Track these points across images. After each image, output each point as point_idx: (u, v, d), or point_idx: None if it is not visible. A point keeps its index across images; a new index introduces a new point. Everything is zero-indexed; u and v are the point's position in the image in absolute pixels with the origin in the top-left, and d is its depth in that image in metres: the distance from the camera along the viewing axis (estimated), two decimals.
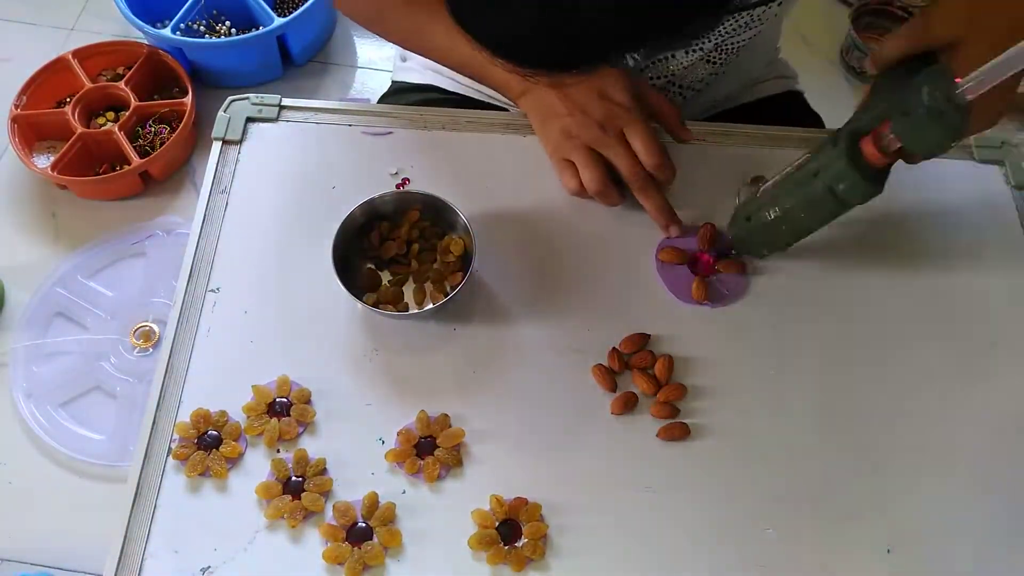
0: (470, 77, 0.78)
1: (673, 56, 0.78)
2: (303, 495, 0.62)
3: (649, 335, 0.68)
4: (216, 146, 0.78)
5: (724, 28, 0.75)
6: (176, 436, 0.64)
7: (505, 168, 0.77)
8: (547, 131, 0.74)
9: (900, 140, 0.56)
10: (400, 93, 0.94)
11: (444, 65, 0.80)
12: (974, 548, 0.62)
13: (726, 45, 0.79)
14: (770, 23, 0.79)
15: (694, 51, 0.76)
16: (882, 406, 0.67)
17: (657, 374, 0.67)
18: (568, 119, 0.71)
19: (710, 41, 0.75)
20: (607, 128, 0.70)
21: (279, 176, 0.77)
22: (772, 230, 0.67)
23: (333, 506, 0.62)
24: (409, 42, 0.81)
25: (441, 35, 0.77)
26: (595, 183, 0.71)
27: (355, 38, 1.81)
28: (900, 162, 0.61)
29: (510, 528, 0.61)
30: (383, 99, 0.95)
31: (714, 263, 0.72)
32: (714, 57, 0.81)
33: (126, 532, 0.61)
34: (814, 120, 0.93)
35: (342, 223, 0.68)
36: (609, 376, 0.66)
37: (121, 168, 1.51)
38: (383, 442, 0.65)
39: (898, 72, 0.61)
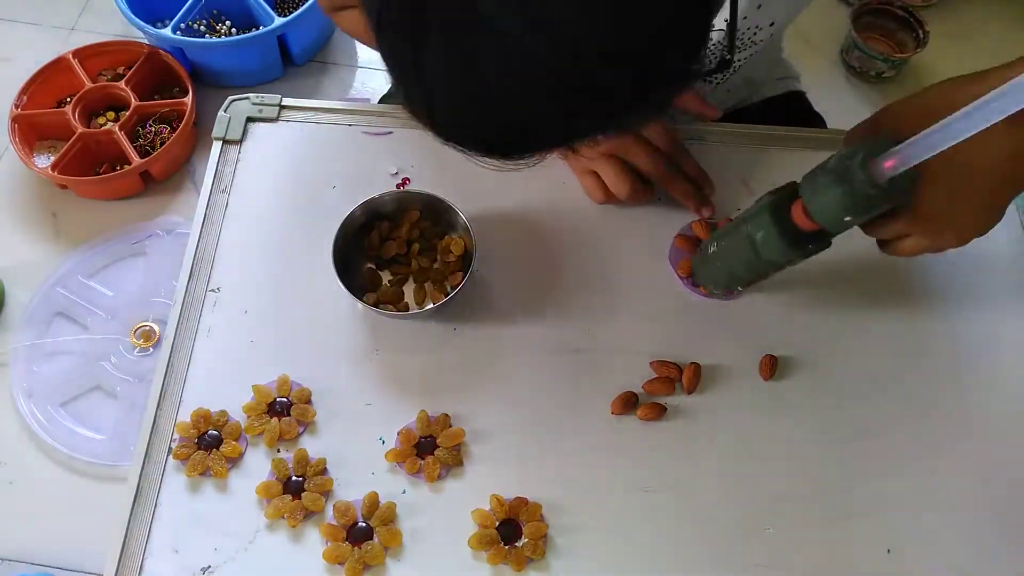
0: None
1: None
2: (303, 495, 0.62)
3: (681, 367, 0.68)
4: (216, 146, 0.78)
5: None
6: (176, 436, 0.64)
7: (505, 168, 0.76)
8: None
9: (803, 200, 0.53)
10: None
11: None
12: (974, 548, 0.62)
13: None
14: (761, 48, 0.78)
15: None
16: (884, 405, 0.67)
17: (685, 383, 0.67)
18: None
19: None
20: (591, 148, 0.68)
21: (279, 176, 0.77)
22: (711, 265, 0.65)
23: (333, 506, 0.62)
24: None
25: None
26: (626, 191, 0.71)
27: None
28: None
29: (510, 528, 0.61)
30: (383, 99, 0.96)
31: None
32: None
33: (126, 532, 0.61)
34: (817, 120, 0.93)
35: (342, 223, 0.68)
36: (631, 400, 0.66)
37: (121, 168, 1.51)
38: (383, 442, 0.65)
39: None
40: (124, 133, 1.51)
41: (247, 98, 0.80)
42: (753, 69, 0.88)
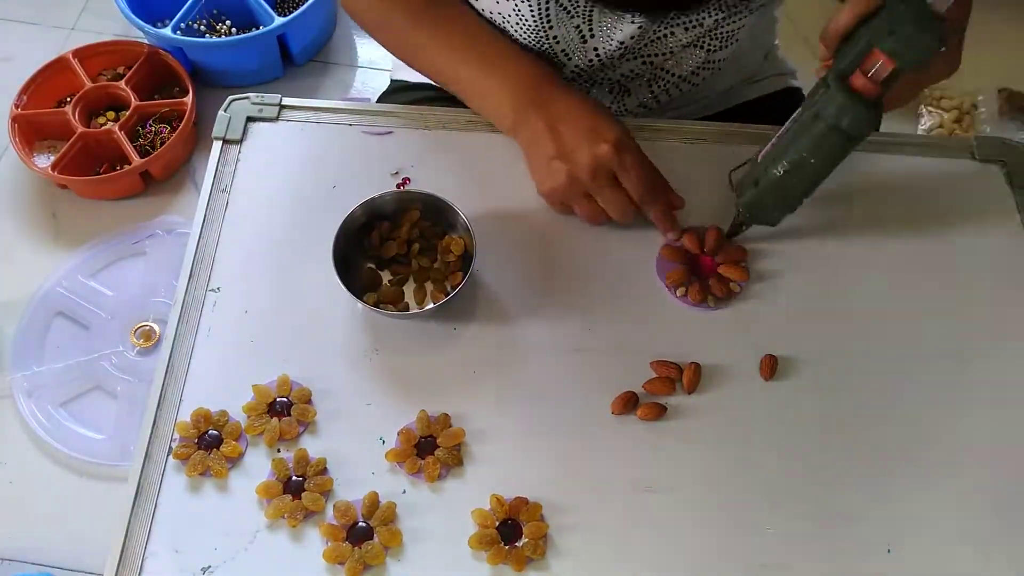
0: (464, 101, 0.77)
1: (672, 33, 0.76)
2: (303, 495, 0.62)
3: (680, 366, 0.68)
4: (216, 146, 0.78)
5: (719, 5, 0.73)
6: (176, 436, 0.64)
7: (505, 168, 0.76)
8: (538, 171, 0.72)
9: (894, 59, 0.58)
10: (399, 92, 0.94)
11: (441, 85, 0.79)
12: (974, 548, 0.62)
13: (720, 31, 0.77)
14: (762, 13, 0.78)
15: (693, 26, 0.75)
16: (882, 405, 0.67)
17: (685, 383, 0.67)
18: (557, 163, 0.70)
19: (710, 16, 0.74)
20: (596, 175, 0.69)
21: (279, 176, 0.77)
22: (784, 186, 0.66)
23: (333, 506, 0.62)
24: (408, 57, 0.81)
25: (441, 57, 0.76)
26: (593, 220, 0.72)
27: (355, 38, 1.81)
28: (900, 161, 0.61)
29: (510, 528, 0.61)
30: (382, 98, 0.96)
31: (715, 265, 0.72)
32: (707, 43, 0.79)
33: (126, 532, 0.61)
34: None
35: (342, 223, 0.68)
36: (631, 400, 0.66)
37: (121, 168, 1.51)
38: (383, 442, 0.65)
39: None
40: (124, 133, 1.51)
41: (247, 98, 0.80)
42: (747, 62, 0.88)
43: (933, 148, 0.80)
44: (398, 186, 0.76)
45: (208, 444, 0.64)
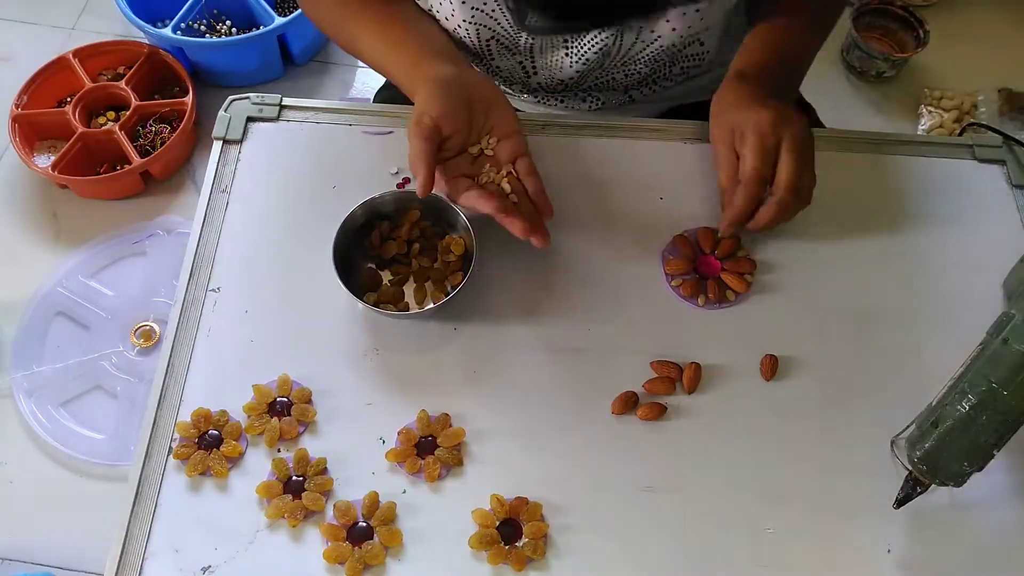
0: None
1: (633, 57, 0.78)
2: (304, 494, 0.62)
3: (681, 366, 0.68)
4: (217, 145, 0.78)
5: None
6: (177, 435, 0.64)
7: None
8: None
9: None
10: (394, 87, 0.94)
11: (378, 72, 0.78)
12: (974, 547, 0.62)
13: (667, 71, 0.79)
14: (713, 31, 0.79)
15: (650, 42, 0.76)
16: (882, 405, 0.67)
17: (685, 383, 0.67)
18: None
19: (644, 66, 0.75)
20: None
21: (279, 176, 0.77)
22: (970, 427, 0.56)
23: (334, 505, 0.62)
24: (349, 48, 0.79)
25: (368, 45, 0.75)
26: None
27: None
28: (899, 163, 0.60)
29: (511, 528, 0.61)
30: (378, 95, 0.96)
31: (721, 264, 0.72)
32: (663, 70, 0.81)
33: (127, 531, 0.61)
34: (808, 111, 0.93)
35: (343, 223, 0.68)
36: (631, 400, 0.66)
37: (122, 168, 1.51)
38: (384, 441, 0.65)
39: None
40: (124, 133, 1.51)
41: (247, 98, 0.80)
42: (732, 55, 0.88)
43: (933, 148, 0.80)
44: (398, 186, 0.76)
45: (208, 444, 0.64)
